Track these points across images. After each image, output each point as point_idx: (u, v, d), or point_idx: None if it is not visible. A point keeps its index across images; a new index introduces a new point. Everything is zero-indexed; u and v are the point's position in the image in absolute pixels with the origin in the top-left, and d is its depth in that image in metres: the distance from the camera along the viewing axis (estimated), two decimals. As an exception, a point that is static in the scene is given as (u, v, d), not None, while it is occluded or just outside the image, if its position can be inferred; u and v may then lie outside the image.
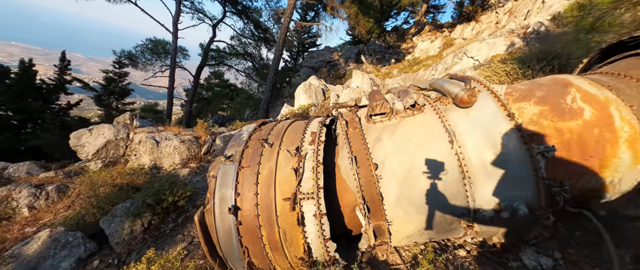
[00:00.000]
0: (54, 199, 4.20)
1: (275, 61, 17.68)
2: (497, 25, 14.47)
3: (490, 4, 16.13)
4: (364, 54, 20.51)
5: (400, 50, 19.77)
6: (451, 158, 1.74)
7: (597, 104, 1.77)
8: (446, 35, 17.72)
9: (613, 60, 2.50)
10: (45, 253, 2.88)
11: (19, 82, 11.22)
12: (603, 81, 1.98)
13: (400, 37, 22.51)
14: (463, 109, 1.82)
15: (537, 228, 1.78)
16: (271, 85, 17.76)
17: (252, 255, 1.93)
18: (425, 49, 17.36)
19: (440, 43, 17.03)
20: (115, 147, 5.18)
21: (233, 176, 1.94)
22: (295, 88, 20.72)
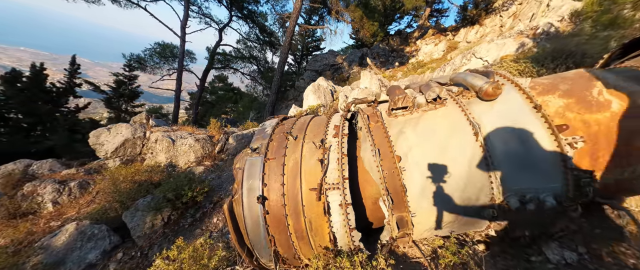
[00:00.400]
0: (76, 194, 4.34)
1: (281, 64, 17.91)
2: (501, 29, 14.39)
3: (494, 7, 16.08)
4: (368, 57, 20.56)
5: (403, 53, 19.78)
6: (476, 150, 1.76)
7: (624, 96, 1.77)
8: (450, 39, 17.67)
9: (636, 55, 2.49)
10: (72, 245, 2.99)
11: (30, 86, 11.59)
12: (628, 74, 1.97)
13: (403, 41, 22.54)
14: (487, 101, 1.84)
15: (564, 220, 1.78)
16: (276, 87, 17.98)
17: (278, 244, 1.98)
18: (429, 52, 17.32)
19: (444, 46, 16.98)
20: (132, 145, 5.32)
21: (260, 167, 2.00)
22: (299, 91, 20.89)
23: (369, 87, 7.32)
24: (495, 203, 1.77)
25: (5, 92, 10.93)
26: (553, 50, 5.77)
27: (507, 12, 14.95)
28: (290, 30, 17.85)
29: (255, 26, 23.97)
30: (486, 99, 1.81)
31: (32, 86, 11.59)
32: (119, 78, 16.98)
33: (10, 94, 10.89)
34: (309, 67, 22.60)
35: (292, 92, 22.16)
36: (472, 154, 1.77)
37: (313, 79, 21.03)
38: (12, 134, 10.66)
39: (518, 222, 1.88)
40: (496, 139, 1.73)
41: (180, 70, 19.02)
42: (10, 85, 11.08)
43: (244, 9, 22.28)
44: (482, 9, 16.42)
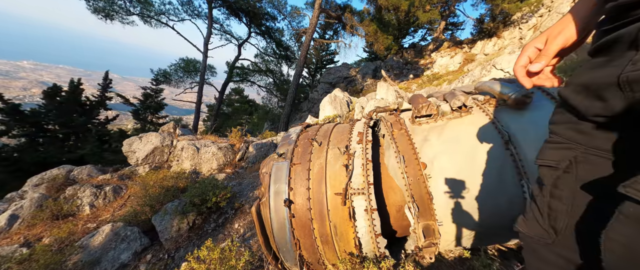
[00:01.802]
0: (110, 198, 4.61)
1: (296, 77, 18.38)
2: (521, 41, 14.00)
3: (513, 20, 15.75)
4: (382, 70, 20.61)
5: (418, 66, 19.68)
6: (506, 159, 1.72)
7: None
8: (466, 51, 17.43)
9: None
10: (108, 245, 3.17)
11: (68, 100, 12.62)
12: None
13: (418, 54, 22.46)
14: (517, 110, 1.82)
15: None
16: (292, 99, 18.41)
17: (302, 248, 2.01)
18: (444, 64, 17.13)
19: (460, 59, 16.73)
20: (160, 153, 5.62)
21: (286, 172, 2.06)
22: (313, 103, 21.12)
23: (386, 98, 7.31)
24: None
25: (46, 106, 11.97)
26: (583, 59, 5.51)
27: (527, 24, 14.62)
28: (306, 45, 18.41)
29: (272, 41, 25.12)
30: (517, 107, 1.79)
31: (69, 100, 12.62)
32: (147, 91, 18.09)
33: (50, 107, 11.91)
34: (322, 80, 23.00)
35: (306, 104, 22.54)
36: (501, 163, 1.73)
37: (327, 91, 21.34)
38: (49, 144, 11.58)
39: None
40: (529, 148, 1.69)
41: (202, 83, 20.08)
42: (50, 99, 12.16)
43: (262, 25, 23.45)
44: (499, 22, 16.19)
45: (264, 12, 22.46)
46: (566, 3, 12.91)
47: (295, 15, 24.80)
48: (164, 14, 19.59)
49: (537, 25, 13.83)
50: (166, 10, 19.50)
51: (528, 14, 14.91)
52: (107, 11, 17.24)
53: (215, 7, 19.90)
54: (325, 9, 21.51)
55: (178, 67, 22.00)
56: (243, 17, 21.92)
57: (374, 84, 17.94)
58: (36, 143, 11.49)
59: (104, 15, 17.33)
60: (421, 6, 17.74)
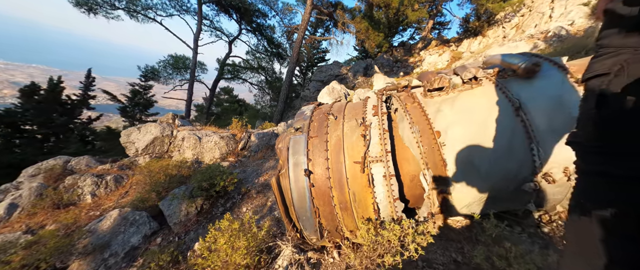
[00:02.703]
0: (112, 187, 4.53)
1: (289, 74, 18.31)
2: (504, 39, 14.47)
3: (497, 19, 16.29)
4: (373, 67, 20.80)
5: (408, 64, 19.96)
6: (517, 125, 1.81)
7: None
8: (453, 49, 17.84)
9: None
10: (116, 229, 3.13)
11: (47, 99, 12.10)
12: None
13: (407, 52, 22.79)
14: (526, 79, 1.91)
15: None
16: (285, 96, 18.35)
17: (321, 216, 2.06)
18: (433, 62, 17.46)
19: (448, 57, 17.10)
20: (160, 143, 5.54)
21: (304, 144, 2.10)
22: (306, 100, 21.11)
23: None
24: (538, 177, 1.81)
25: (23, 105, 11.46)
26: (568, 48, 5.76)
27: (510, 23, 15.12)
28: (299, 41, 18.35)
29: (264, 38, 24.79)
30: (526, 76, 1.88)
31: (48, 99, 12.09)
32: (135, 88, 17.54)
33: (28, 106, 11.42)
34: (314, 78, 22.96)
35: (298, 102, 22.54)
36: (512, 129, 1.82)
37: (318, 89, 21.37)
38: (27, 145, 11.07)
39: (559, 197, 1.91)
40: (538, 114, 1.79)
41: (192, 80, 19.59)
42: (27, 98, 11.64)
43: (253, 22, 23.09)
44: (484, 21, 16.69)
45: (255, 9, 22.11)
46: (545, 3, 13.38)
47: (286, 12, 24.60)
48: (151, 9, 18.82)
49: (520, 24, 14.27)
50: (153, 4, 18.68)
51: (511, 13, 15.41)
52: (90, 4, 16.29)
53: (204, 2, 19.39)
54: (317, 6, 21.44)
55: (167, 64, 21.08)
56: (233, 13, 21.53)
57: (366, 81, 18.09)
58: (12, 144, 10.95)
59: (86, 8, 16.39)
60: (410, 5, 17.95)
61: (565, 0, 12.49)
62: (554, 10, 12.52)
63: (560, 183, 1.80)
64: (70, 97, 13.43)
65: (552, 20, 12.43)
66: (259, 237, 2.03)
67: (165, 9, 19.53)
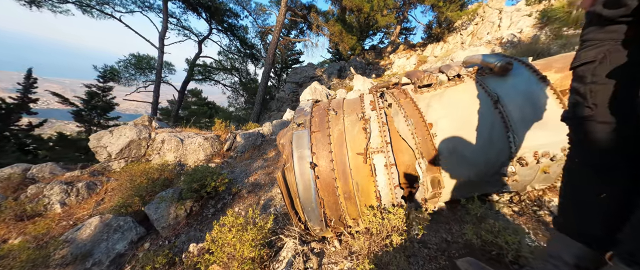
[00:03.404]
0: (85, 195, 4.20)
1: (265, 75, 18.15)
2: (462, 45, 15.94)
3: (455, 27, 17.94)
4: (346, 69, 21.37)
5: (379, 66, 20.86)
6: (496, 117, 2.07)
7: None
8: (419, 53, 19.15)
9: None
10: (98, 237, 2.94)
11: None
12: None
13: (378, 55, 23.84)
14: (501, 77, 2.19)
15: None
16: (261, 98, 18.14)
17: (326, 206, 2.16)
18: (402, 65, 18.48)
19: (415, 60, 18.26)
20: (137, 146, 5.23)
21: (307, 139, 2.19)
22: (282, 102, 20.99)
23: (362, 89, 7.75)
24: (513, 161, 2.09)
25: None
26: (521, 52, 6.53)
27: (466, 31, 16.66)
28: (274, 42, 18.27)
29: (236, 39, 24.05)
30: (501, 74, 2.16)
31: None
32: (92, 90, 15.98)
33: None
34: (289, 80, 22.95)
35: (274, 103, 22.37)
36: (492, 121, 2.08)
37: (293, 90, 21.44)
38: None
39: (529, 178, 2.21)
40: (512, 106, 2.06)
41: (159, 82, 18.41)
42: None
43: (224, 22, 22.33)
44: (444, 28, 18.19)
45: (226, 8, 21.44)
46: (494, 14, 14.93)
47: (260, 12, 24.25)
48: (108, 4, 17.19)
49: (474, 31, 15.72)
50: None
51: (467, 21, 16.95)
52: (34, -4, 14.30)
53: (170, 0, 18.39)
54: (292, 8, 21.51)
55: (128, 64, 19.35)
56: (202, 12, 20.66)
57: (340, 83, 18.51)
58: None
59: (28, 1, 14.51)
60: (379, 10, 18.79)
61: (510, 13, 14.01)
62: (501, 20, 14.01)
63: (531, 166, 2.09)
64: (5, 101, 11.81)
65: (500, 29, 13.91)
66: (265, 230, 2.08)
67: (124, 5, 18.06)
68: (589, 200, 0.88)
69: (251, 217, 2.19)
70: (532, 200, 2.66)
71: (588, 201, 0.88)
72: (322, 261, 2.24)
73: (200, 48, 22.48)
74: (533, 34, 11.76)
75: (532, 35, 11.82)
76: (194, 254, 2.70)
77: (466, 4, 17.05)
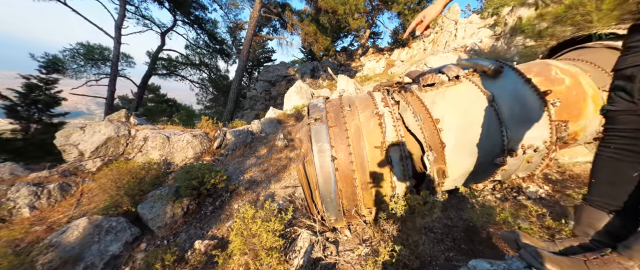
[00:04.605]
0: (57, 198, 3.79)
1: (239, 72, 17.60)
2: (424, 51, 17.28)
3: (418, 34, 19.47)
4: (319, 70, 21.70)
5: (351, 68, 21.51)
6: (491, 113, 2.35)
7: (571, 75, 2.59)
8: (387, 57, 20.21)
9: (559, 55, 3.52)
10: (88, 239, 2.71)
11: None
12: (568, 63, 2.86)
13: (349, 57, 24.57)
14: (493, 78, 2.48)
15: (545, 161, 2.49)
16: (235, 96, 17.56)
17: (343, 197, 2.27)
18: (372, 67, 19.32)
19: (384, 63, 19.19)
20: (115, 144, 4.82)
21: (325, 133, 2.28)
22: (255, 100, 20.56)
23: (346, 89, 7.98)
24: (505, 152, 2.39)
25: None
26: (494, 57, 7.35)
27: (428, 38, 18.00)
28: (248, 39, 17.80)
29: (204, 33, 22.78)
30: (494, 75, 2.45)
31: None
32: (32, 82, 13.57)
33: None
34: (261, 78, 22.51)
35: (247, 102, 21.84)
36: (489, 117, 2.36)
37: (266, 89, 21.13)
38: None
39: (515, 168, 2.54)
40: (503, 104, 2.36)
41: (115, 75, 16.57)
42: None
43: (190, 14, 21.02)
44: (410, 34, 19.50)
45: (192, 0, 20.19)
46: (451, 25, 16.40)
47: (232, 6, 23.36)
48: None
49: (435, 39, 17.06)
50: (53, -20, 14.99)
51: (429, 30, 18.48)
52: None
53: (125, -15, 16.53)
54: (266, 4, 21.11)
55: (76, 54, 16.84)
56: (165, 2, 19.16)
57: (314, 83, 18.71)
58: None
59: None
60: (351, 13, 19.37)
61: (464, 24, 15.53)
62: (457, 30, 15.45)
63: (519, 157, 2.41)
64: None
65: (457, 38, 15.33)
66: (285, 220, 2.14)
67: (71, -15, 15.93)
68: (624, 178, 1.10)
69: (269, 209, 2.23)
70: (512, 187, 3.03)
71: (623, 179, 1.10)
72: (339, 249, 2.35)
73: (164, 40, 20.75)
74: (491, 44, 13.14)
75: (490, 44, 13.19)
76: (200, 250, 2.64)
77: None
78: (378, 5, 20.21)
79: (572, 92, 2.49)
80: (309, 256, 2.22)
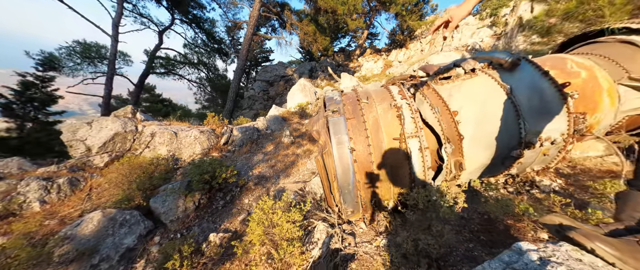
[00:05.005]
0: (67, 192, 3.77)
1: (238, 71, 17.51)
2: (422, 52, 17.37)
3: (416, 35, 19.58)
4: (317, 70, 21.71)
5: (349, 68, 21.54)
6: (509, 106, 2.35)
7: (586, 68, 2.60)
8: (385, 58, 20.28)
9: (570, 50, 3.53)
10: (103, 232, 2.70)
11: None
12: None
13: (347, 57, 24.62)
14: (509, 71, 2.49)
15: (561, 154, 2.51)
16: (234, 95, 17.49)
17: (361, 188, 2.27)
18: (370, 68, 19.39)
19: (382, 64, 19.29)
20: (123, 139, 4.80)
21: (344, 124, 2.29)
22: (253, 100, 20.45)
23: (350, 86, 8.01)
24: (522, 145, 2.40)
25: None
26: None
27: (425, 39, 18.13)
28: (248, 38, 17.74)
29: (202, 32, 22.57)
30: (511, 68, 2.46)
31: None
32: (28, 79, 13.16)
33: None
34: (259, 78, 22.42)
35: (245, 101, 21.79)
36: (506, 109, 2.36)
37: (264, 89, 21.06)
38: None
39: (531, 161, 2.55)
40: (521, 97, 2.37)
41: (112, 73, 16.21)
42: None
43: (189, 13, 20.82)
44: (406, 35, 19.67)
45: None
46: None
47: (231, 5, 23.28)
48: None
49: (432, 40, 17.18)
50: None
51: (425, 31, 18.56)
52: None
53: (124, -17, 16.25)
54: (265, 4, 21.08)
55: (72, 52, 16.65)
56: (163, 0, 18.97)
57: (313, 83, 18.73)
58: None
59: None
60: (349, 14, 19.45)
61: (460, 26, 15.72)
62: (454, 32, 15.58)
63: (536, 149, 2.42)
64: None
65: (453, 40, 15.41)
66: (304, 211, 2.14)
67: (68, -17, 15.76)
68: None
69: (287, 201, 2.23)
70: (524, 181, 3.04)
71: None
72: (356, 240, 2.35)
73: (161, 39, 20.42)
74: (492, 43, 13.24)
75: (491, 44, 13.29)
76: (216, 243, 2.64)
77: (424, 16, 18.77)
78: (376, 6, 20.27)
79: (588, 85, 2.50)
80: (327, 247, 2.23)
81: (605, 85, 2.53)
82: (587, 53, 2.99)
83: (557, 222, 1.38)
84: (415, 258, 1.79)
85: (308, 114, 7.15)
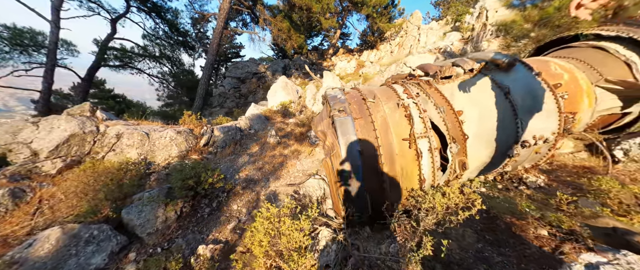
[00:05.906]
0: (9, 206, 3.15)
1: (208, 67, 16.60)
2: (391, 54, 18.25)
3: (386, 37, 20.54)
4: (291, 67, 21.56)
5: (322, 67, 21.69)
6: (507, 105, 2.43)
7: (567, 71, 2.79)
8: (357, 58, 20.87)
9: (547, 53, 3.80)
10: (64, 252, 2.27)
11: None
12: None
13: (320, 56, 24.84)
14: (505, 72, 2.58)
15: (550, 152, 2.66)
16: (204, 92, 16.54)
17: (369, 190, 2.18)
18: (343, 67, 19.78)
19: (355, 64, 19.81)
20: (80, 142, 4.16)
21: (351, 124, 2.17)
22: (224, 98, 19.59)
23: (333, 85, 7.94)
24: (518, 143, 2.49)
25: None
26: (472, 58, 7.93)
27: (395, 41, 19.00)
28: (218, 32, 16.83)
29: (164, 23, 20.79)
30: (507, 68, 2.54)
31: None
32: None
33: None
34: (229, 74, 21.47)
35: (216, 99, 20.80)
36: (505, 109, 2.44)
37: (234, 86, 20.28)
38: None
39: (525, 158, 2.67)
40: (516, 96, 2.46)
41: (52, 64, 13.95)
42: None
43: (147, 1, 18.96)
44: (377, 37, 20.48)
45: (147, -15, 18.17)
46: (415, 30, 17.45)
47: (198, -5, 21.91)
48: None
49: (401, 43, 18.09)
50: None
51: (394, 33, 19.58)
52: None
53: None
54: (237, -4, 20.24)
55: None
56: None
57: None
58: None
59: None
60: (324, 12, 19.57)
61: (426, 30, 16.64)
62: (420, 35, 16.53)
63: (530, 147, 2.54)
64: None
65: (420, 43, 16.29)
66: (311, 218, 2.00)
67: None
68: None
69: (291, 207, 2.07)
70: (512, 179, 3.20)
71: None
72: (365, 245, 2.26)
73: (114, 28, 18.12)
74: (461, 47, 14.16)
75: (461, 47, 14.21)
76: (206, 256, 2.38)
77: (393, 18, 19.68)
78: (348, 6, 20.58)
79: (570, 86, 2.69)
80: (335, 253, 2.10)
81: (584, 87, 2.73)
82: (564, 57, 3.23)
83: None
84: (432, 263, 1.74)
85: (291, 112, 6.93)
